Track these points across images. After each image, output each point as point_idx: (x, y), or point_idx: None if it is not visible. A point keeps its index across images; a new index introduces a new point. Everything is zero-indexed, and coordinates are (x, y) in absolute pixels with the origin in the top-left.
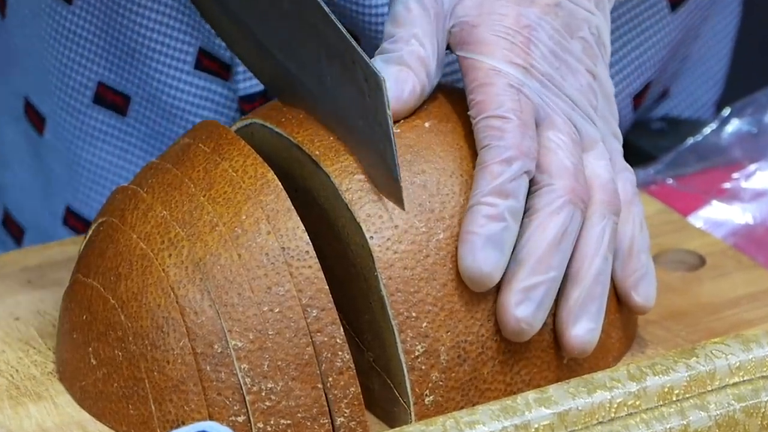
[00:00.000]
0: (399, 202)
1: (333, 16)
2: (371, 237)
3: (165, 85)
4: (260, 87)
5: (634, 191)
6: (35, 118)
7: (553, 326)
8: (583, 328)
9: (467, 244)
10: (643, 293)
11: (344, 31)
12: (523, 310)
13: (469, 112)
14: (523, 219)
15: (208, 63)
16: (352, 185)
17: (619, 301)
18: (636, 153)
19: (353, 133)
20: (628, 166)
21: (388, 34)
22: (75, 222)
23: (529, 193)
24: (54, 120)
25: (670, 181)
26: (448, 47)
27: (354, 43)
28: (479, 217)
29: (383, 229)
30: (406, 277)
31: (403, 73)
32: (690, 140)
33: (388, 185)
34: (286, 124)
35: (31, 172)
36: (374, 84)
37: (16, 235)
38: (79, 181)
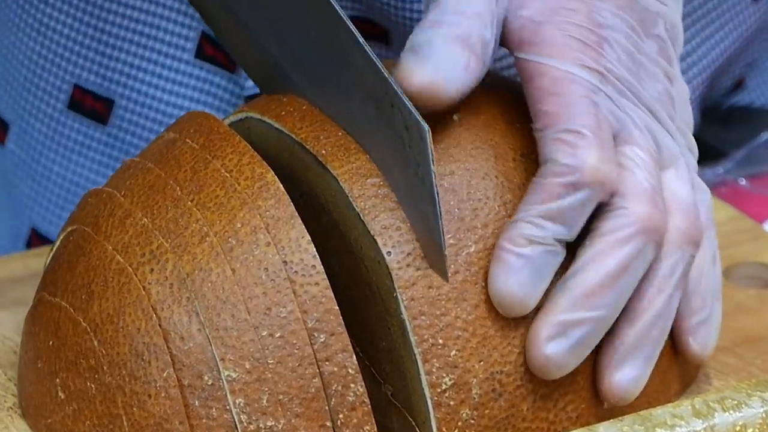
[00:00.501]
0: (443, 274)
1: (370, 50)
2: (388, 252)
3: (159, 78)
4: None
5: (709, 217)
6: None
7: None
8: (628, 375)
9: (501, 263)
10: (701, 340)
11: (384, 69)
12: (555, 347)
13: (533, 124)
14: (585, 240)
15: (211, 51)
16: (365, 191)
17: None
18: (702, 148)
19: (389, 179)
20: (705, 185)
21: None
22: (41, 245)
23: (597, 211)
24: (19, 127)
25: (742, 181)
26: (501, 44)
27: (395, 85)
28: (520, 236)
29: (402, 242)
30: (431, 297)
31: (472, 60)
32: (765, 134)
33: (430, 251)
34: (287, 118)
35: None
36: (417, 135)
37: None
38: (49, 199)
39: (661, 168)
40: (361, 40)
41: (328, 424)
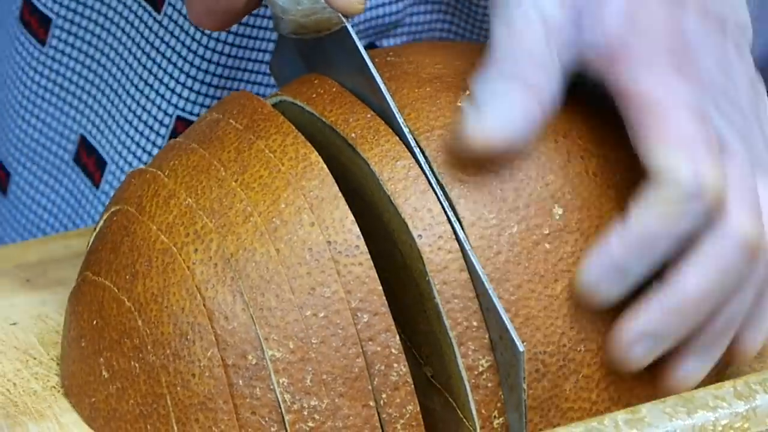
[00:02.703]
0: None
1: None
2: (419, 235)
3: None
4: None
5: None
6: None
7: None
8: (690, 368)
9: (598, 259)
10: (748, 339)
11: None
12: (638, 351)
13: (635, 144)
14: (684, 250)
15: None
16: (395, 173)
17: None
18: None
19: None
20: None
21: (504, 51)
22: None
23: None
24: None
25: None
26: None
27: (493, 293)
28: (626, 242)
29: (434, 225)
30: (464, 280)
31: (529, 103)
32: None
33: None
34: (317, 101)
35: None
36: (510, 352)
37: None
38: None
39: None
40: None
41: (372, 403)
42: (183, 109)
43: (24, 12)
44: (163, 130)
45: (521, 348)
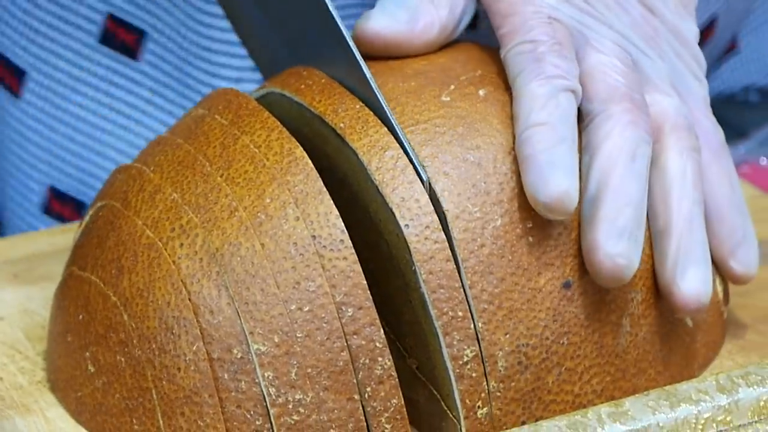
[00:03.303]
0: None
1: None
2: (406, 225)
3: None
4: None
5: (721, 146)
6: (9, 76)
7: (628, 327)
8: (695, 279)
9: (532, 167)
10: (743, 259)
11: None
12: (615, 243)
13: (500, 51)
14: (582, 158)
15: None
16: (383, 164)
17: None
18: (723, 128)
19: None
20: (714, 120)
21: None
22: (62, 205)
23: (581, 130)
24: (40, 72)
25: (763, 161)
26: None
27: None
28: (534, 139)
29: (421, 215)
30: (450, 270)
31: (421, 4)
32: None
33: None
34: (306, 91)
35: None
36: None
37: None
38: (71, 151)
39: (645, 86)
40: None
41: (356, 397)
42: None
43: None
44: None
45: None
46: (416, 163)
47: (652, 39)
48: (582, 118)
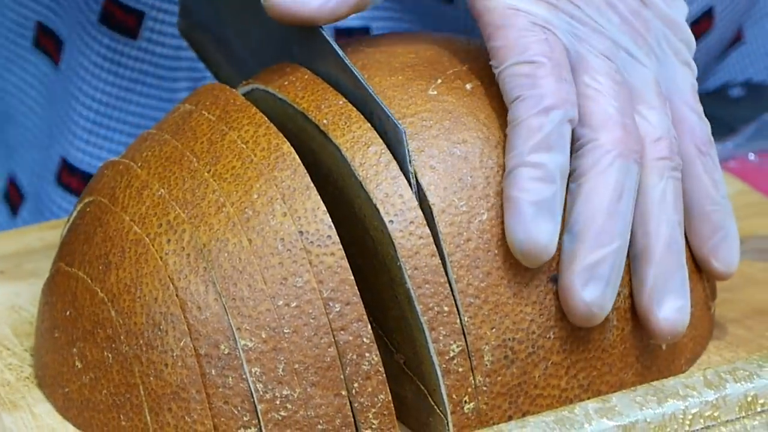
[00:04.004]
0: None
1: (349, 62)
2: (391, 221)
3: None
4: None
5: (705, 141)
6: (50, 44)
7: (615, 322)
8: (671, 308)
9: (516, 214)
10: (723, 258)
11: (362, 78)
12: (592, 291)
13: (490, 62)
14: (568, 183)
15: None
16: (366, 159)
17: (690, 291)
18: (711, 124)
19: None
20: (700, 111)
21: None
22: (71, 176)
23: (572, 152)
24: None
25: (751, 156)
26: None
27: (373, 92)
28: (524, 181)
29: (405, 210)
30: (435, 265)
31: None
32: None
33: None
34: (289, 88)
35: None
36: (395, 138)
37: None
38: (77, 123)
39: (633, 97)
40: (342, 53)
41: (344, 392)
42: None
43: None
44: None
45: (402, 128)
46: (394, 120)
47: (640, 36)
48: (574, 138)
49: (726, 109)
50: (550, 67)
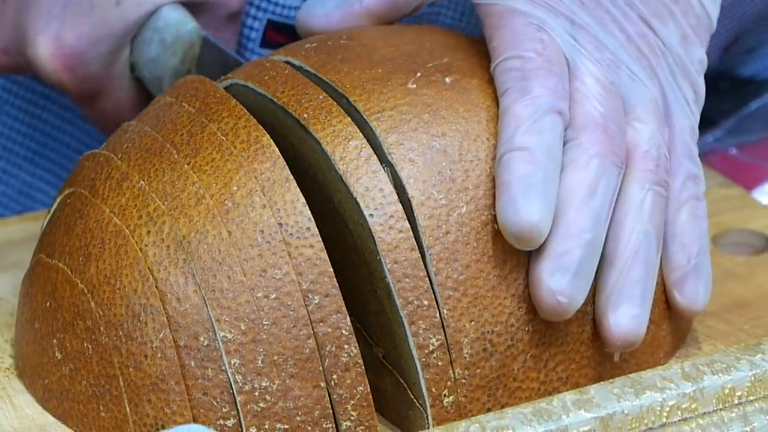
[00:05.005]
0: None
1: None
2: (371, 215)
3: None
4: None
5: (691, 176)
6: None
7: (593, 315)
8: (626, 315)
9: (506, 194)
10: (688, 293)
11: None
12: (559, 280)
13: (490, 64)
14: None
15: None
16: (346, 154)
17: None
18: None
19: None
20: (693, 148)
21: None
22: None
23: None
24: None
25: (732, 150)
26: None
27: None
28: (513, 163)
29: (385, 204)
30: (414, 259)
31: None
32: (754, 103)
33: None
34: (270, 82)
35: None
36: None
37: None
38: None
39: (626, 112)
40: None
41: (322, 384)
42: None
43: None
44: None
45: None
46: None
47: (645, 58)
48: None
49: (707, 102)
50: (540, 61)
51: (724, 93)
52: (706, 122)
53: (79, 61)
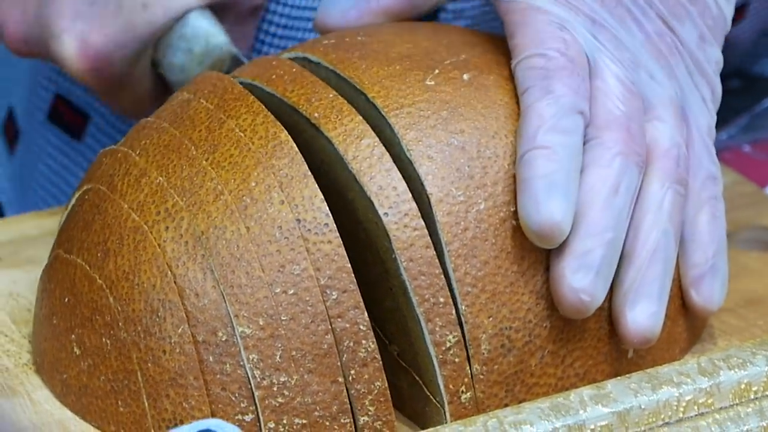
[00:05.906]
0: None
1: None
2: (385, 213)
3: None
4: None
5: (710, 176)
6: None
7: (609, 312)
8: (643, 312)
9: (528, 192)
10: (704, 293)
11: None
12: (581, 279)
13: (511, 61)
14: None
15: None
16: (359, 153)
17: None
18: None
19: None
20: (711, 148)
21: None
22: None
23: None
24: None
25: (745, 147)
26: None
27: None
28: (535, 161)
29: (399, 203)
30: (430, 257)
31: None
32: (767, 101)
33: None
34: (278, 81)
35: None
36: None
37: None
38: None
39: (645, 112)
40: None
41: (340, 379)
42: None
43: None
44: None
45: None
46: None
47: (663, 57)
48: (585, 141)
49: (721, 99)
50: (563, 61)
51: (737, 91)
52: (720, 120)
53: (105, 62)
